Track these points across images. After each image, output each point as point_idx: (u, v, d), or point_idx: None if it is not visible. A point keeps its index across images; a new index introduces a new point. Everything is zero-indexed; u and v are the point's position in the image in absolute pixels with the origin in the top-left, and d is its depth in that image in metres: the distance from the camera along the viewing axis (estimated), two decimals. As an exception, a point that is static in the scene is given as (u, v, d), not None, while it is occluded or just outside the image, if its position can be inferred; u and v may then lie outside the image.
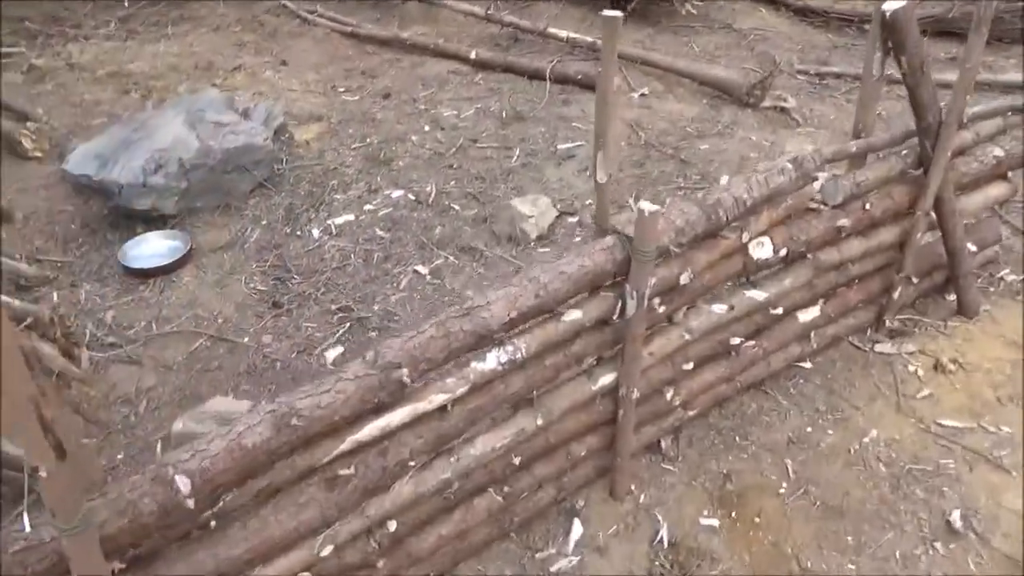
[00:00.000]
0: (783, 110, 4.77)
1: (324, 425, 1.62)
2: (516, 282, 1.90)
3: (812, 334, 2.83)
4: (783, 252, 2.46)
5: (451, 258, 3.52)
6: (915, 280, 2.96)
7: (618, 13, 2.09)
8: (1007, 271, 3.35)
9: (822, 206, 2.58)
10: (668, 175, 4.11)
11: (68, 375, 2.90)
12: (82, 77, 5.71)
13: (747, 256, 2.40)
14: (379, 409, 1.73)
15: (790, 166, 2.32)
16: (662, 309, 2.24)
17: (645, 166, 4.20)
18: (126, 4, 7.16)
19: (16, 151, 4.48)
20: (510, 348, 1.91)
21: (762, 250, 2.41)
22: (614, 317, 2.06)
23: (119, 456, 2.62)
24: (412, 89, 5.27)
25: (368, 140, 4.58)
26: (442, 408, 1.86)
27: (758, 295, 2.50)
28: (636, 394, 2.22)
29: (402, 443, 1.83)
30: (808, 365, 2.88)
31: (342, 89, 5.35)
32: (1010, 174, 3.12)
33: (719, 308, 2.42)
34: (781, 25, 6.31)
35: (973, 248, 3.09)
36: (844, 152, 2.58)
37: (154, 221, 3.77)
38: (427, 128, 4.71)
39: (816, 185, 2.51)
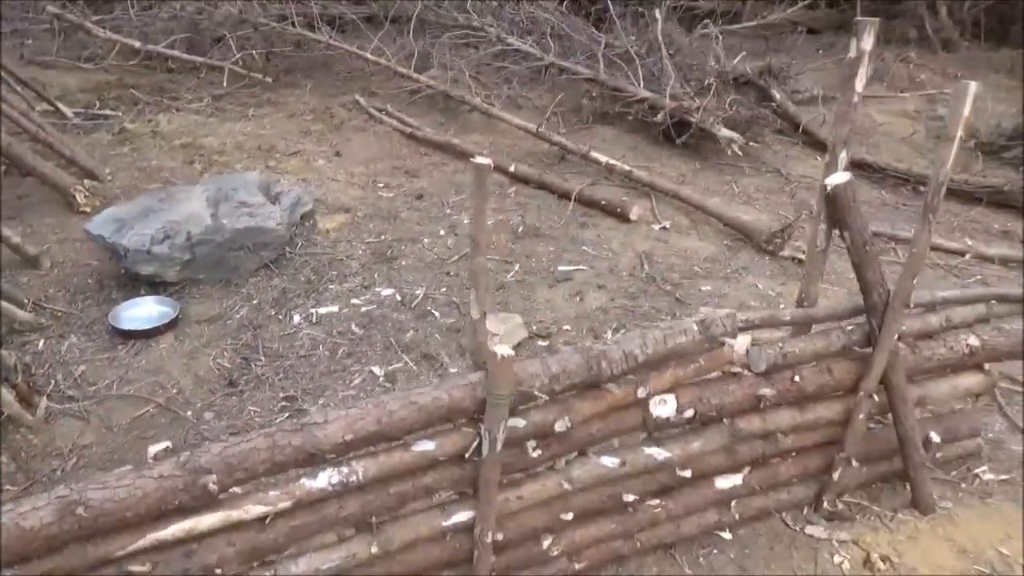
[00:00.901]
0: (801, 262, 4.65)
1: (115, 519, 1.64)
2: (360, 405, 1.91)
3: (733, 503, 2.67)
4: (689, 413, 2.37)
5: (411, 364, 3.55)
6: (856, 463, 2.76)
7: (488, 161, 2.13)
8: (984, 468, 3.08)
9: (745, 371, 2.49)
10: (658, 312, 4.05)
11: (19, 421, 3.07)
12: (159, 144, 6.23)
13: (647, 412, 2.32)
14: (186, 510, 1.75)
15: (695, 327, 2.26)
16: (537, 454, 2.18)
17: (638, 300, 4.16)
18: (224, 84, 7.83)
19: (70, 204, 4.89)
20: (345, 470, 1.91)
21: (664, 408, 2.33)
22: (467, 455, 2.02)
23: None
24: (445, 193, 5.46)
25: (383, 237, 4.76)
26: (261, 520, 1.86)
27: (659, 453, 2.40)
28: (492, 537, 2.15)
29: (212, 549, 1.83)
30: (727, 536, 2.70)
31: (381, 185, 5.61)
32: (988, 366, 2.92)
33: (610, 461, 2.33)
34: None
35: (936, 439, 2.87)
36: (774, 319, 2.49)
37: (157, 287, 4.00)
38: (442, 232, 4.85)
39: (739, 349, 2.43)
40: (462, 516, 2.13)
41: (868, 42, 2.28)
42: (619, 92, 6.71)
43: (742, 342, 2.43)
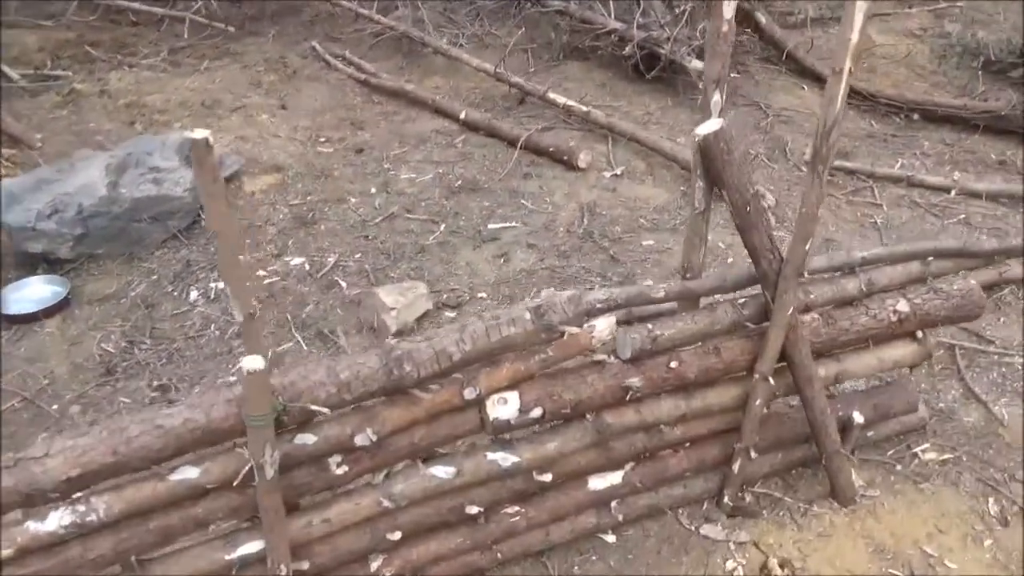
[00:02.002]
0: (761, 208, 4.21)
1: None
2: (94, 431, 1.63)
3: (614, 504, 2.36)
4: (536, 412, 2.04)
5: (303, 344, 3.27)
6: (756, 454, 2.41)
7: (206, 134, 1.66)
8: (927, 446, 2.71)
9: (611, 358, 2.14)
10: (587, 273, 3.69)
11: None
12: (104, 105, 5.95)
13: (484, 414, 2.01)
14: None
15: (527, 315, 1.92)
16: (343, 470, 1.89)
17: (570, 259, 3.80)
18: (186, 36, 7.47)
19: (-12, 176, 4.67)
20: (81, 508, 1.64)
21: (504, 408, 2.01)
22: (234, 483, 1.74)
23: None
24: (388, 146, 5.10)
25: (309, 198, 4.44)
26: (-19, 568, 1.61)
27: (504, 459, 2.09)
28: (287, 569, 1.87)
29: (-79, 603, 1.59)
30: (611, 538, 2.40)
31: (323, 140, 5.26)
32: (921, 334, 2.51)
33: (443, 471, 2.03)
34: (818, 106, 5.66)
35: (860, 419, 2.50)
36: (643, 297, 2.13)
37: (54, 264, 3.77)
38: (373, 190, 4.51)
39: (601, 333, 2.08)
40: (250, 547, 1.86)
41: (732, -42, 1.84)
42: (589, 24, 6.19)
43: (604, 325, 2.07)
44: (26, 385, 3.11)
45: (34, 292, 3.59)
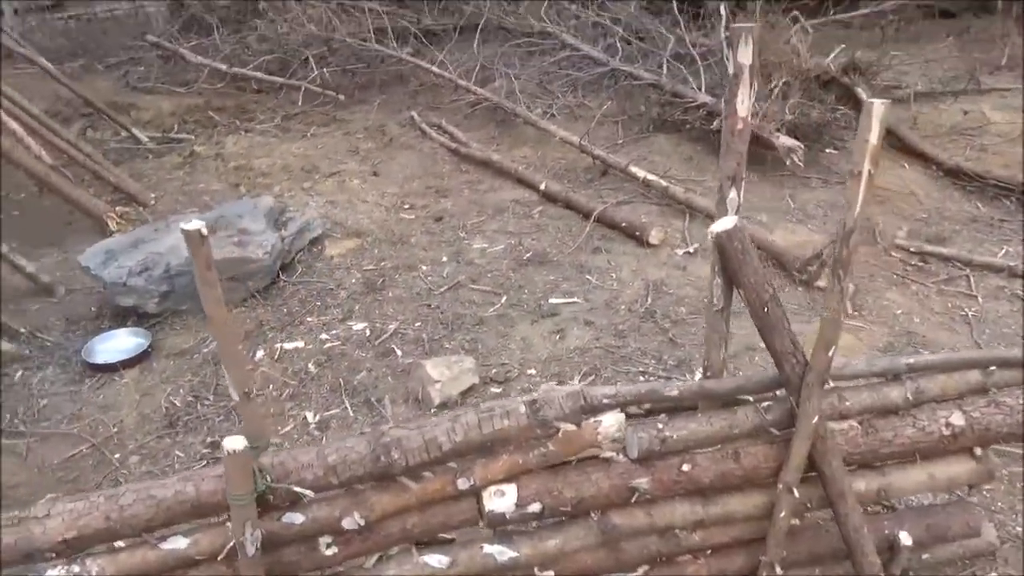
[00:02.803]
0: (838, 294, 4.00)
1: None
2: (91, 496, 1.72)
3: (626, 608, 2.24)
4: (535, 507, 1.99)
5: (350, 410, 3.35)
6: (780, 570, 2.23)
7: (200, 226, 1.66)
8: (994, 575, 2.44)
9: (619, 456, 2.07)
10: (642, 355, 3.60)
11: (-35, 455, 3.17)
12: (217, 167, 6.43)
13: (481, 505, 1.98)
14: None
15: (522, 409, 1.89)
16: (332, 552, 1.91)
17: (626, 339, 3.73)
18: (299, 103, 8.01)
19: (103, 230, 5.11)
20: (76, 569, 1.72)
21: (501, 501, 1.97)
22: (219, 558, 1.78)
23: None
24: (467, 215, 5.22)
25: (383, 264, 4.59)
26: (-18, 619, 1.72)
27: (501, 553, 2.04)
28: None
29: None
30: (622, 645, 2.28)
31: (406, 206, 5.46)
32: (980, 451, 2.29)
33: (438, 561, 2.01)
34: (919, 186, 5.38)
35: (907, 540, 2.29)
36: (655, 395, 2.05)
37: (142, 317, 4.05)
38: (445, 259, 4.62)
39: (608, 430, 2.02)
40: (237, 620, 1.89)
41: (746, 55, 1.80)
42: (679, 98, 6.18)
43: (612, 421, 2.01)
44: (96, 432, 3.33)
45: (119, 343, 3.87)
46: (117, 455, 3.19)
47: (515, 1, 8.87)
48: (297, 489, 1.75)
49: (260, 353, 3.79)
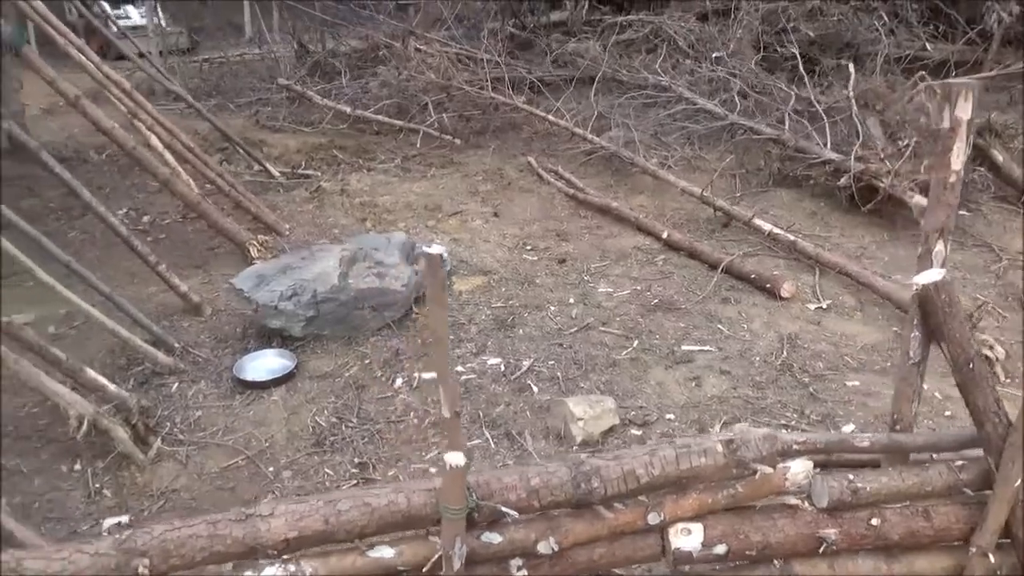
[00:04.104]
0: (987, 359, 3.86)
1: (46, 591, 1.68)
2: (311, 500, 1.82)
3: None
4: (720, 549, 1.99)
5: (491, 441, 3.41)
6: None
7: (442, 249, 1.83)
8: None
9: (804, 504, 2.05)
10: (783, 407, 3.55)
11: (131, 458, 3.36)
12: (343, 202, 6.72)
13: (666, 541, 1.99)
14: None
15: (719, 448, 1.90)
16: (522, 574, 1.94)
17: (765, 391, 3.69)
18: (418, 145, 8.33)
19: (245, 257, 5.40)
20: (292, 568, 1.81)
21: (688, 539, 1.98)
22: (424, 570, 1.84)
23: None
24: (589, 259, 5.30)
25: (511, 302, 4.69)
26: (200, 608, 1.81)
27: (681, 592, 2.03)
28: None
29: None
30: None
31: (529, 248, 5.58)
32: None
33: (619, 593, 2.02)
34: (1064, 251, 5.17)
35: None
36: (845, 445, 2.03)
37: (287, 340, 4.24)
38: (572, 301, 4.68)
39: (796, 477, 2.01)
40: (427, 633, 1.93)
41: (966, 110, 1.82)
42: (803, 153, 6.15)
43: (800, 468, 2.00)
44: (250, 446, 3.48)
45: (267, 363, 4.05)
46: (270, 468, 3.33)
47: (629, 56, 9.06)
48: (503, 508, 1.80)
49: (399, 381, 3.91)
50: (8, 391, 3.85)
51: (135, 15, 15.20)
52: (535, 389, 3.77)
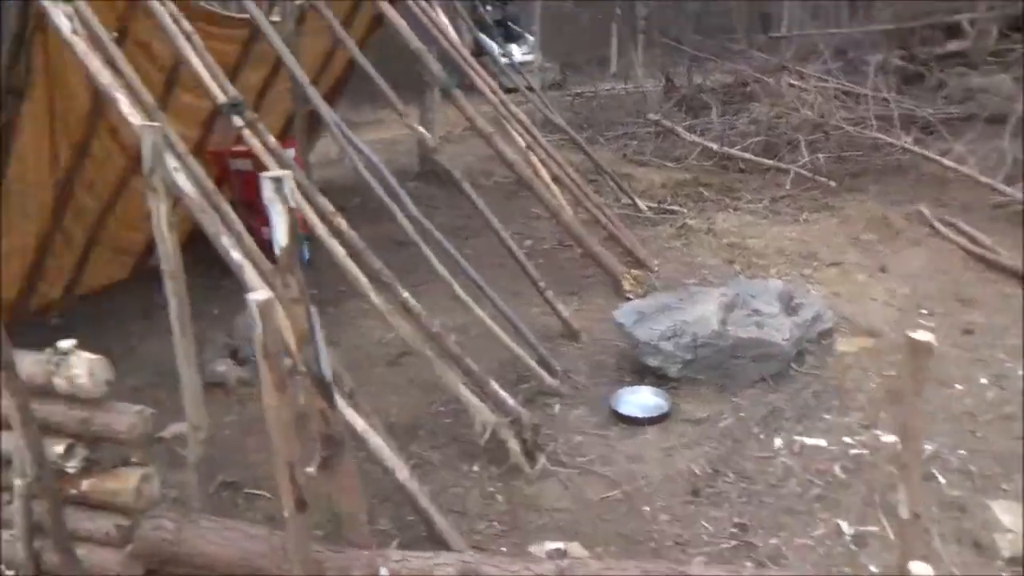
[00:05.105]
0: None
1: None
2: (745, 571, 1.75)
3: None
4: None
5: (889, 531, 3.06)
6: None
7: (928, 338, 1.57)
8: None
9: None
10: None
11: (520, 470, 3.64)
12: (709, 242, 6.68)
13: None
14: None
15: None
16: None
17: None
18: (787, 186, 8.01)
19: (617, 289, 5.60)
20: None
21: None
22: None
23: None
24: (1002, 333, 4.60)
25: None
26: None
27: None
28: None
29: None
30: None
31: (924, 311, 5.01)
32: None
33: None
34: None
35: None
36: None
37: (660, 379, 4.29)
38: (983, 380, 4.09)
39: None
40: None
41: None
42: None
43: None
44: (626, 480, 3.56)
45: (643, 399, 4.13)
46: (646, 508, 3.36)
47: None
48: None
49: (778, 442, 3.72)
50: (420, 389, 4.43)
51: (517, 53, 16.82)
52: (942, 480, 3.33)
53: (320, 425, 2.18)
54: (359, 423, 3.12)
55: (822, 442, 3.67)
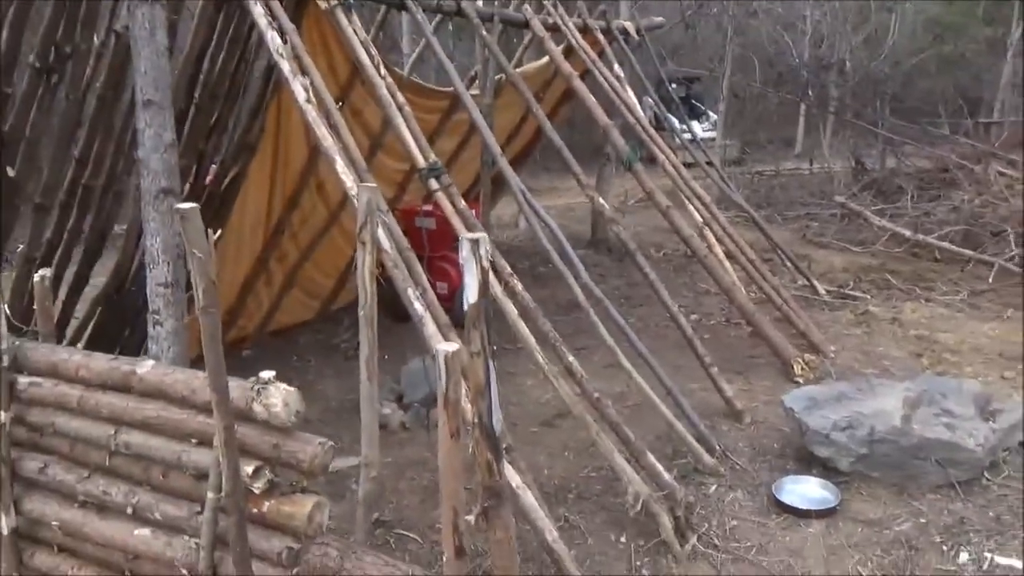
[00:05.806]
0: None
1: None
2: None
3: None
4: None
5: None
6: None
7: None
8: None
9: None
10: None
11: (671, 548, 3.53)
12: (894, 332, 6.27)
13: None
14: None
15: None
16: None
17: None
18: (990, 280, 7.38)
19: (788, 372, 5.36)
20: None
21: None
22: None
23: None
24: None
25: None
26: None
27: None
28: None
29: None
30: None
31: None
32: None
33: None
34: None
35: None
36: None
37: (829, 471, 4.03)
38: None
39: None
40: None
41: None
42: None
43: None
44: (776, 568, 3.35)
45: (808, 490, 3.88)
46: (803, 609, 3.14)
47: None
48: None
49: (964, 556, 3.36)
50: (573, 452, 4.44)
51: (698, 129, 16.85)
52: None
53: (484, 477, 2.25)
54: (515, 479, 3.18)
55: (1017, 563, 3.27)
